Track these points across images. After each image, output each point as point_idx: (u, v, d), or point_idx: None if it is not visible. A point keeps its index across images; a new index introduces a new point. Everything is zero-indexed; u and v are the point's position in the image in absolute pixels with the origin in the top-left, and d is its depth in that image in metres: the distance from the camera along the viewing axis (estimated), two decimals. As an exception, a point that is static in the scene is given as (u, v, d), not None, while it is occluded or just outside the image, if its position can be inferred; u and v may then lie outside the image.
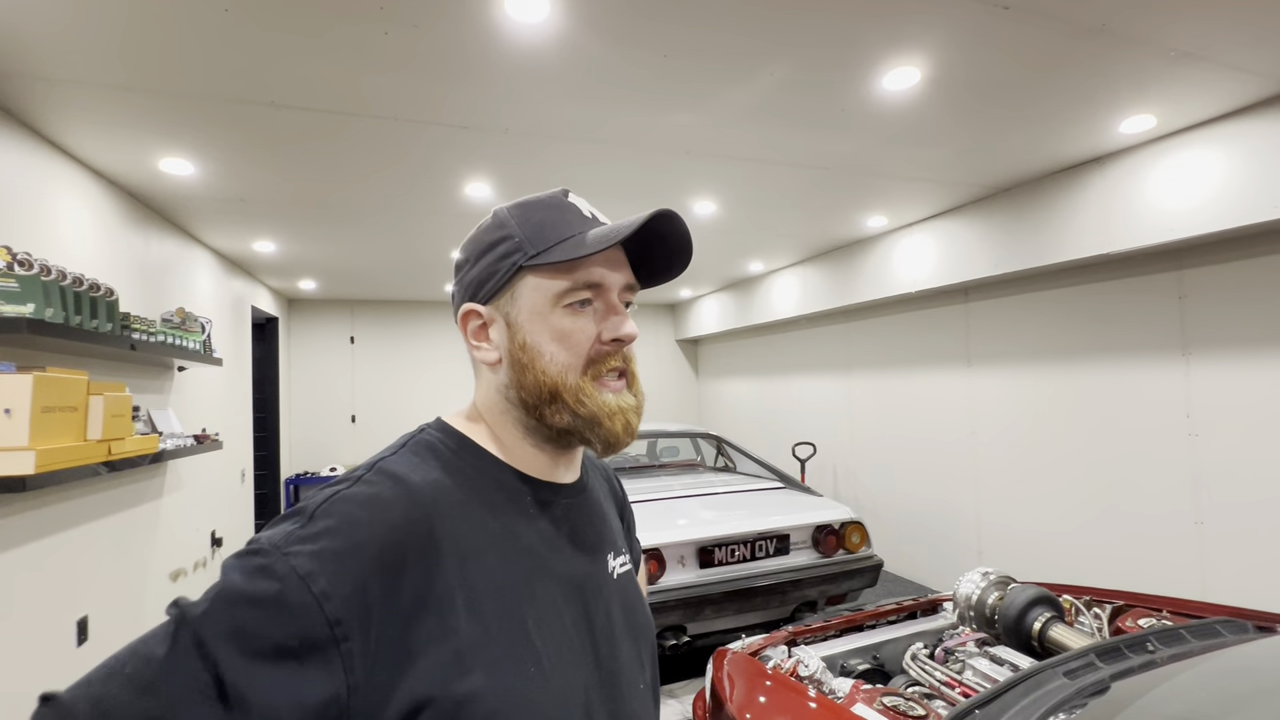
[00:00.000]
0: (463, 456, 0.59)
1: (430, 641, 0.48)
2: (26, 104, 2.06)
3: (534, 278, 0.58)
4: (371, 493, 0.51)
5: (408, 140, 2.47)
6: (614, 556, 0.67)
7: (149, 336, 2.61)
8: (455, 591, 0.50)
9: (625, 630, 0.63)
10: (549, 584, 0.57)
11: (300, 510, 0.50)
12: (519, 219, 0.60)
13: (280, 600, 0.44)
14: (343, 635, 0.45)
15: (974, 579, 1.90)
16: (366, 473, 0.54)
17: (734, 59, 1.93)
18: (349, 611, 0.45)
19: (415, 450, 0.58)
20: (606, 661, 0.59)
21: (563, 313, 0.58)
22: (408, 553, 0.49)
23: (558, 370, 0.58)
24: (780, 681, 1.57)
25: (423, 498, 0.53)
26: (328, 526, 0.48)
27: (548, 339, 0.58)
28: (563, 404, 0.58)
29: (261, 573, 0.45)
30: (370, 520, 0.49)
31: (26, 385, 1.78)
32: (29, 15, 1.60)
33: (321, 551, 0.46)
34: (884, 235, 4.19)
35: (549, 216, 0.60)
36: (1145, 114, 2.37)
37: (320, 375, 6.45)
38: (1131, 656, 1.38)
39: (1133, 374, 3.06)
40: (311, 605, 0.44)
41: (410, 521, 0.51)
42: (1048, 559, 3.45)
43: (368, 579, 0.47)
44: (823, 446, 5.27)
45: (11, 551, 2.02)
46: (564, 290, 0.58)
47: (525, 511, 0.59)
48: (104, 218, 2.74)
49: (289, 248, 4.17)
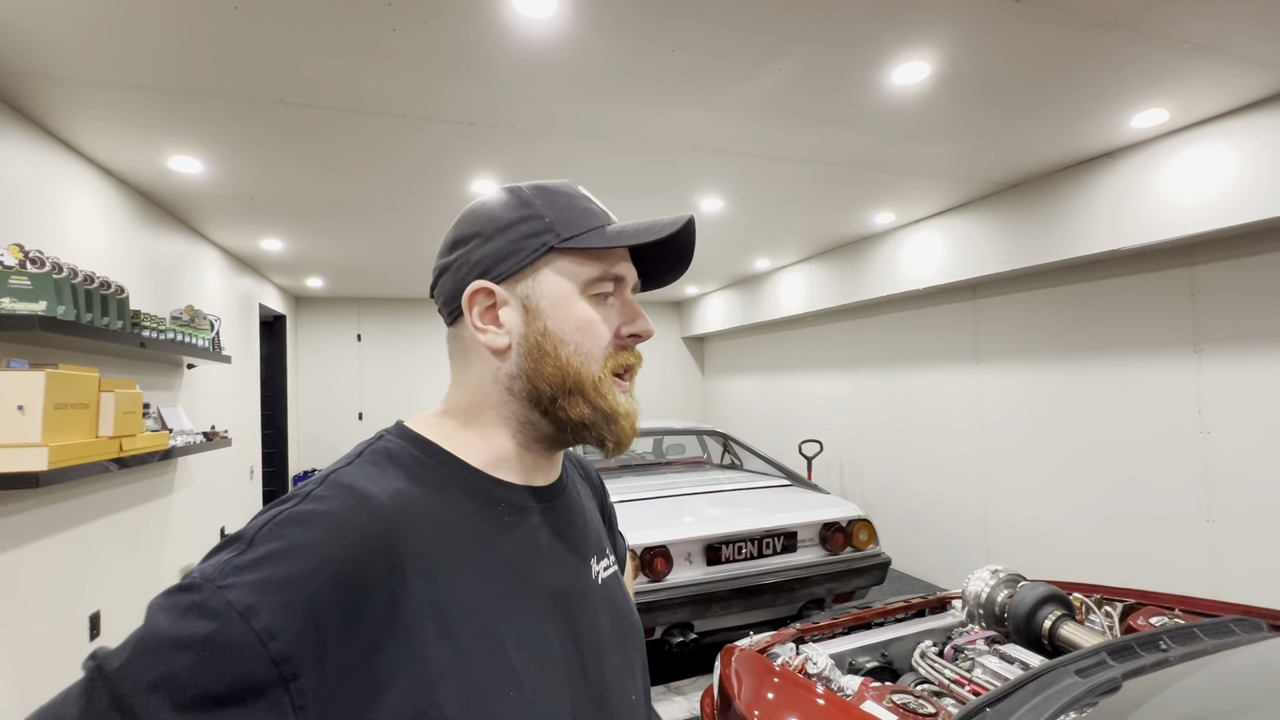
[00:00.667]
0: (428, 464, 0.53)
1: (398, 671, 0.43)
2: (37, 103, 2.07)
3: (564, 261, 0.55)
4: (324, 509, 0.45)
5: (415, 137, 2.47)
6: (598, 560, 0.62)
7: (159, 334, 2.63)
8: (424, 615, 0.46)
9: (614, 638, 0.59)
10: (529, 598, 0.52)
11: (239, 535, 0.44)
12: (545, 200, 0.57)
13: (216, 641, 0.39)
14: (291, 674, 0.40)
15: (983, 577, 1.89)
16: (318, 487, 0.48)
17: (741, 55, 1.92)
18: (299, 647, 0.40)
19: (374, 459, 0.52)
20: (594, 677, 0.55)
21: (588, 302, 0.56)
22: (368, 575, 0.44)
23: (581, 361, 0.55)
24: (788, 679, 1.57)
25: (384, 512, 0.47)
26: (271, 551, 0.42)
27: (572, 327, 0.55)
28: (582, 396, 0.55)
29: (193, 611, 0.40)
30: (323, 541, 0.43)
31: (39, 382, 1.80)
32: (39, 15, 1.61)
33: (264, 581, 0.41)
34: (891, 232, 4.17)
35: (574, 203, 0.57)
36: (1158, 108, 2.34)
37: (327, 373, 6.48)
38: (1144, 655, 1.37)
39: (1144, 371, 3.03)
40: (253, 644, 0.39)
41: (369, 539, 0.45)
42: (1057, 557, 3.43)
43: (322, 609, 0.41)
44: (830, 444, 5.26)
45: (25, 547, 2.04)
46: (594, 278, 0.56)
47: (499, 521, 0.54)
48: (114, 216, 2.76)
49: (296, 245, 4.19)
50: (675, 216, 0.56)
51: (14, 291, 1.83)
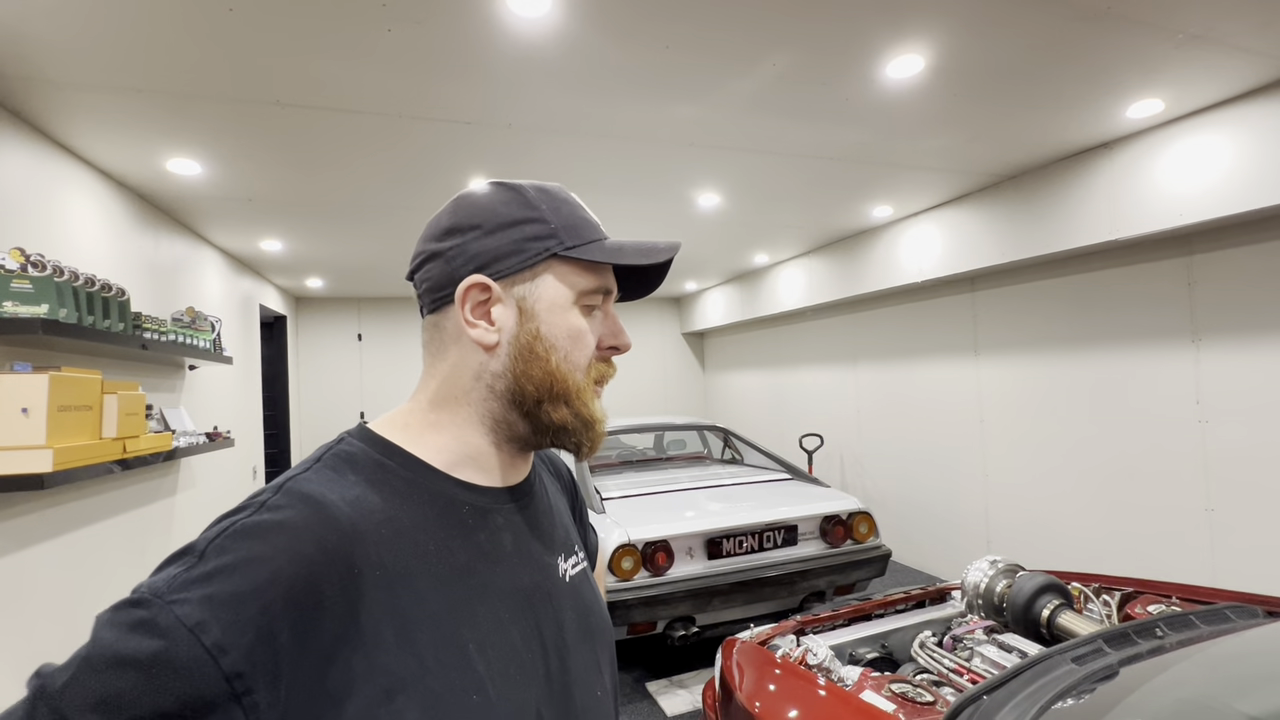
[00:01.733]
0: (389, 467, 0.52)
1: (356, 683, 0.43)
2: (35, 107, 2.08)
3: (564, 269, 0.56)
4: (277, 520, 0.44)
5: (412, 137, 2.48)
6: (565, 558, 0.62)
7: (160, 336, 2.64)
8: (383, 624, 0.45)
9: (580, 636, 0.59)
10: (491, 601, 0.52)
11: (190, 548, 0.43)
12: (549, 205, 0.57)
13: (164, 659, 0.38)
14: (244, 689, 0.39)
15: (982, 567, 1.90)
16: (272, 495, 0.46)
17: (735, 50, 1.93)
18: (251, 663, 0.39)
19: (332, 464, 0.51)
20: (557, 675, 0.55)
21: (578, 312, 0.57)
22: (323, 587, 0.43)
23: (569, 368, 0.56)
24: (789, 670, 1.58)
25: (341, 521, 0.46)
26: (222, 565, 0.41)
27: (564, 335, 0.56)
28: (566, 402, 0.56)
29: (140, 628, 0.39)
30: (275, 554, 0.42)
31: (43, 385, 1.81)
32: (35, 19, 1.62)
33: (214, 597, 0.40)
34: (889, 225, 4.17)
35: (575, 212, 0.59)
36: (1153, 98, 2.34)
37: (329, 373, 6.50)
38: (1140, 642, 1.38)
39: (1142, 361, 3.04)
40: (203, 660, 0.38)
41: (325, 550, 0.44)
42: (1057, 547, 3.44)
43: (274, 623, 0.41)
44: (830, 438, 5.27)
45: (31, 549, 2.06)
46: (589, 290, 0.57)
47: (462, 525, 0.53)
48: (113, 219, 2.77)
49: (296, 246, 4.19)
50: (669, 242, 0.59)
51: (16, 295, 1.84)
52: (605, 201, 3.44)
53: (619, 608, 2.57)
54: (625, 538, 2.67)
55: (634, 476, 3.71)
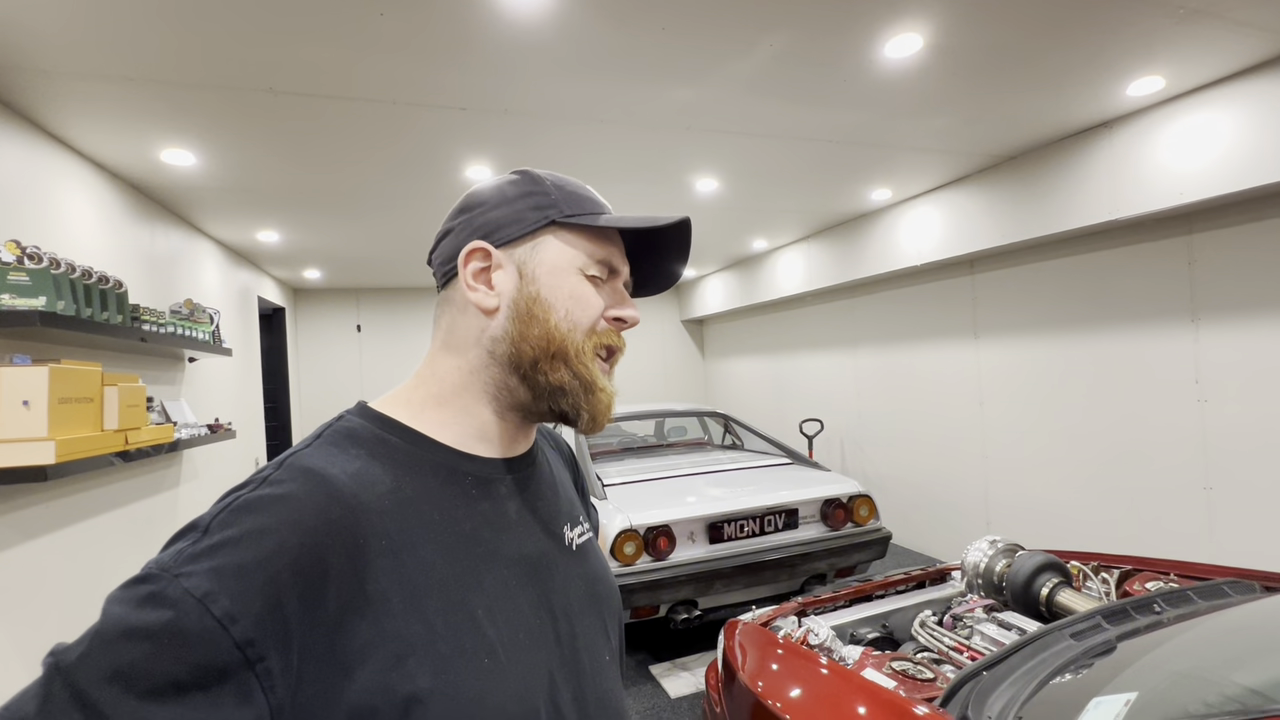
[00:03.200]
0: (389, 441, 0.53)
1: (366, 649, 0.44)
2: (27, 97, 2.06)
3: (564, 234, 0.58)
4: (280, 493, 0.45)
5: (407, 124, 2.46)
6: (571, 527, 0.63)
7: (158, 328, 2.64)
8: (390, 592, 0.46)
9: (587, 602, 0.60)
10: (498, 568, 0.53)
11: (195, 524, 0.44)
12: (555, 184, 0.59)
13: (174, 629, 0.39)
14: (256, 656, 0.40)
15: (981, 547, 1.92)
16: (274, 470, 0.47)
17: (732, 30, 1.90)
18: (262, 631, 0.40)
19: (333, 439, 0.52)
20: (566, 639, 0.56)
21: (581, 278, 0.58)
22: (328, 557, 0.44)
23: (569, 328, 0.56)
24: (791, 650, 1.60)
25: (343, 492, 0.47)
26: (227, 538, 0.42)
27: (565, 295, 0.57)
28: (564, 361, 0.56)
29: (149, 601, 0.39)
30: (279, 526, 0.43)
31: (43, 377, 1.81)
32: (26, 8, 1.60)
33: (221, 568, 0.41)
34: (888, 208, 4.15)
35: (579, 190, 0.61)
36: (1153, 75, 2.32)
37: (328, 364, 6.50)
38: (1138, 618, 1.40)
39: (1141, 341, 3.04)
40: (214, 630, 0.39)
41: (329, 521, 0.45)
42: (1057, 528, 3.47)
43: (282, 592, 0.42)
44: (830, 422, 5.28)
45: (36, 540, 2.07)
46: (590, 260, 0.58)
47: (466, 494, 0.54)
48: (109, 210, 2.75)
49: (292, 237, 4.18)
50: (670, 215, 0.59)
51: (13, 287, 1.84)
52: (603, 187, 3.39)
53: (622, 592, 2.58)
54: (627, 523, 2.69)
55: (635, 463, 3.72)
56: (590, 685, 0.57)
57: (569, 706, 0.54)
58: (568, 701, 0.54)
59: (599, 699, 0.58)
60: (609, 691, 0.60)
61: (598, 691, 0.58)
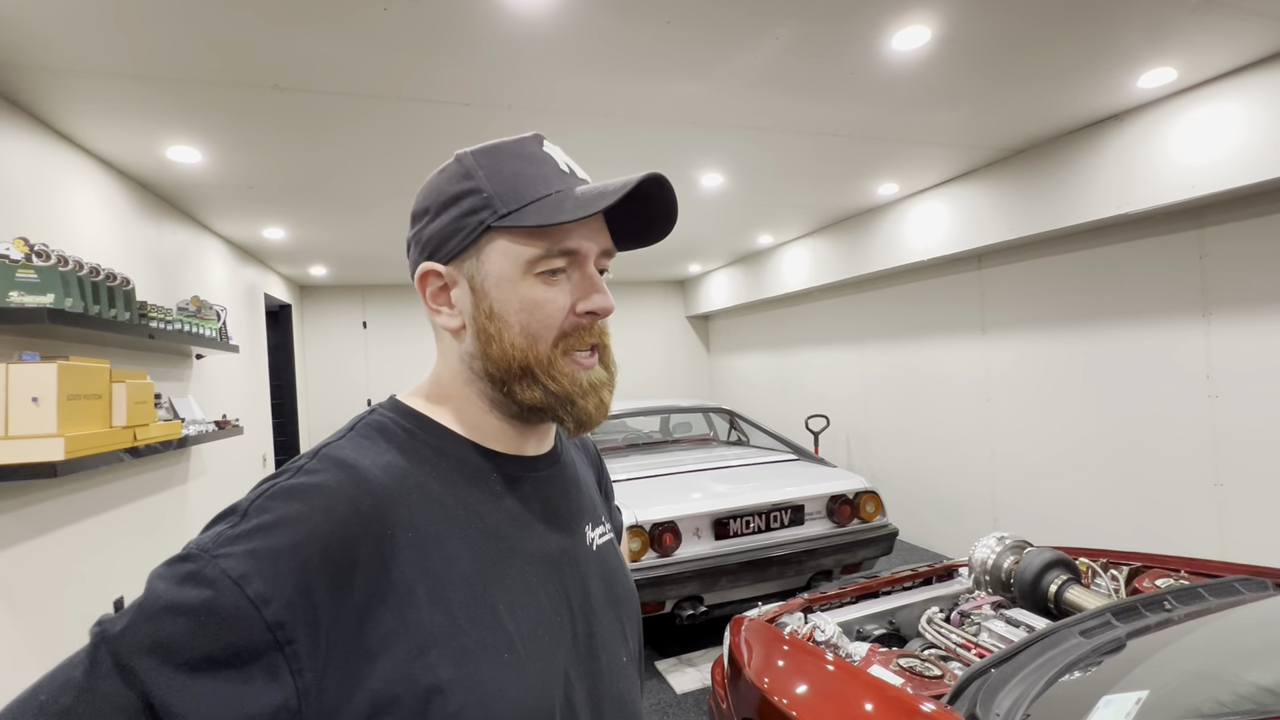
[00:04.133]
0: (419, 436, 0.54)
1: (390, 638, 0.45)
2: (34, 95, 2.07)
3: (504, 240, 0.52)
4: (314, 482, 0.47)
5: (411, 119, 2.45)
6: (593, 527, 0.63)
7: (166, 325, 2.65)
8: (415, 583, 0.47)
9: (606, 602, 0.60)
10: (520, 565, 0.53)
11: (234, 508, 0.45)
12: (488, 169, 0.53)
13: (211, 607, 0.40)
14: (286, 639, 0.41)
15: (989, 544, 1.91)
16: (309, 460, 0.49)
17: (737, 23, 1.89)
18: (292, 614, 0.42)
19: (364, 432, 0.53)
20: (584, 638, 0.56)
21: (534, 281, 0.52)
22: (358, 545, 0.45)
23: (527, 343, 0.53)
24: (797, 646, 1.60)
25: (373, 484, 0.48)
26: (262, 523, 0.44)
27: (516, 309, 0.52)
28: (534, 379, 0.53)
29: (190, 580, 0.41)
30: (312, 513, 0.45)
31: (52, 374, 1.82)
32: (32, 6, 1.60)
33: (256, 551, 0.42)
34: (895, 203, 4.13)
35: (522, 169, 0.53)
36: (1165, 67, 2.29)
37: (334, 360, 6.53)
38: (1148, 615, 1.39)
39: (1152, 336, 3.01)
40: (247, 610, 0.40)
41: (359, 511, 0.46)
42: (1065, 524, 3.45)
43: (312, 578, 0.43)
44: (836, 418, 5.26)
45: (48, 535, 2.09)
46: (537, 257, 0.52)
47: (491, 490, 0.54)
48: (116, 208, 2.77)
49: (298, 234, 4.19)
50: (628, 178, 0.51)
51: (21, 285, 1.85)
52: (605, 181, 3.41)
53: (627, 588, 2.59)
54: (632, 519, 2.69)
55: (640, 459, 3.72)
56: (606, 685, 0.57)
57: (583, 705, 0.54)
58: (582, 700, 0.54)
59: (614, 699, 0.58)
60: (624, 692, 0.60)
61: (613, 691, 0.58)
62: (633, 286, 7.49)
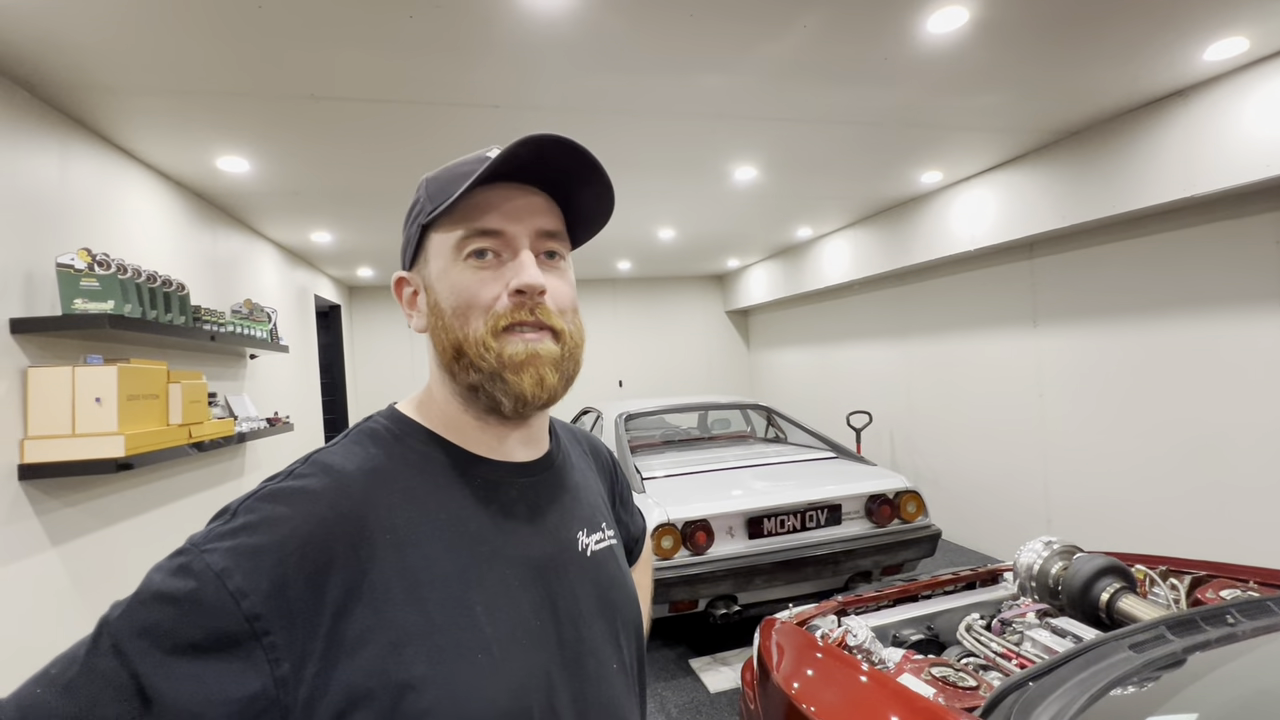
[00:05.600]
0: (406, 442, 0.57)
1: (366, 634, 0.47)
2: (97, 114, 2.20)
3: (436, 234, 0.57)
4: (299, 486, 0.50)
5: (443, 123, 2.50)
6: (588, 533, 0.63)
7: (219, 327, 2.79)
8: (392, 582, 0.49)
9: (598, 609, 0.60)
10: (500, 568, 0.54)
11: (226, 508, 0.49)
12: (429, 181, 0.59)
13: (195, 597, 0.44)
14: (263, 630, 0.44)
15: (1035, 548, 1.81)
16: (300, 465, 0.52)
17: (761, 13, 1.84)
18: (269, 607, 0.44)
19: (357, 439, 0.56)
20: (571, 644, 0.56)
21: (464, 266, 0.55)
22: (335, 545, 0.48)
23: (459, 324, 0.55)
24: (827, 651, 1.56)
25: (354, 488, 0.51)
26: (247, 522, 0.47)
27: (448, 293, 0.56)
28: (467, 360, 0.55)
29: (180, 572, 0.45)
30: (293, 514, 0.48)
31: (112, 376, 1.94)
32: (94, 33, 1.70)
33: (237, 548, 0.45)
34: (939, 191, 3.97)
35: (454, 171, 0.57)
36: (1235, 36, 2.12)
37: (382, 358, 6.75)
38: (1208, 630, 1.29)
39: (1221, 327, 2.80)
40: (227, 602, 0.44)
41: (339, 514, 0.49)
42: (1126, 529, 3.25)
43: (288, 574, 0.45)
44: (879, 415, 5.12)
45: (114, 526, 2.24)
46: (459, 240, 0.55)
47: (474, 495, 0.56)
48: (173, 217, 2.92)
49: (344, 237, 4.33)
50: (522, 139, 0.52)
51: (85, 293, 1.97)
52: (639, 180, 3.40)
53: (660, 586, 2.59)
54: (664, 517, 2.68)
55: (676, 456, 3.70)
56: (593, 690, 0.57)
57: (567, 709, 0.54)
58: (566, 704, 0.54)
59: (601, 705, 0.57)
60: (613, 699, 0.59)
61: (601, 698, 0.58)
62: (671, 282, 7.46)
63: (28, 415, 1.87)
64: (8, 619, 1.79)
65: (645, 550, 0.90)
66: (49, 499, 1.94)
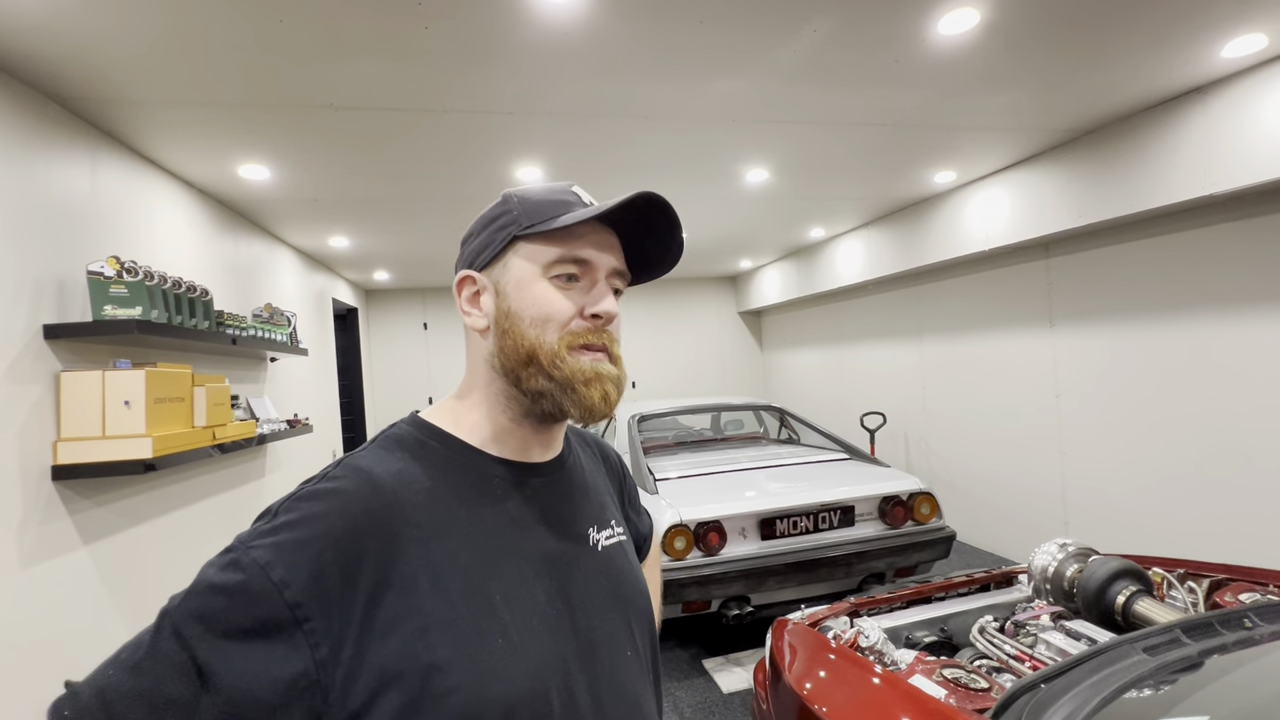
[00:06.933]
0: (430, 446, 0.61)
1: (396, 620, 0.51)
2: (125, 125, 2.27)
3: (526, 246, 0.61)
4: (333, 487, 0.55)
5: (458, 130, 2.54)
6: (599, 530, 0.68)
7: (241, 331, 2.85)
8: (418, 573, 0.53)
9: (610, 600, 0.65)
10: (518, 561, 0.59)
11: (269, 509, 0.54)
12: (520, 198, 0.64)
13: (243, 588, 0.49)
14: (304, 616, 0.49)
15: (1050, 550, 1.80)
16: (334, 468, 0.57)
17: (772, 18, 1.86)
18: (307, 596, 0.49)
19: (384, 444, 0.61)
20: (584, 632, 0.61)
21: (549, 284, 0.61)
22: (366, 540, 0.53)
23: (537, 334, 0.60)
24: (839, 653, 1.56)
25: (384, 488, 0.56)
26: (287, 521, 0.52)
27: (529, 304, 0.60)
28: (538, 367, 0.60)
29: (230, 566, 0.50)
30: (329, 512, 0.53)
31: (140, 380, 2.00)
32: (114, 44, 1.76)
33: (279, 543, 0.50)
34: (953, 191, 3.94)
35: (549, 197, 0.63)
36: (1254, 33, 2.09)
37: (398, 360, 6.84)
38: (1224, 633, 1.28)
39: (1240, 327, 2.76)
40: (271, 591, 0.49)
41: (370, 512, 0.54)
42: (1145, 531, 3.21)
43: (325, 567, 0.50)
44: (893, 416, 5.09)
45: (141, 525, 2.30)
46: (552, 260, 0.61)
47: (493, 494, 0.61)
48: (196, 224, 2.99)
49: (361, 241, 4.41)
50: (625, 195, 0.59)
51: (114, 299, 2.03)
52: (651, 183, 3.41)
53: (673, 586, 2.60)
54: (677, 518, 2.70)
55: (689, 457, 3.72)
56: (607, 675, 0.61)
57: (583, 692, 0.58)
58: (582, 687, 0.58)
59: (615, 689, 0.62)
60: (627, 684, 0.63)
61: (614, 682, 0.62)
62: (684, 283, 7.47)
63: (60, 418, 1.93)
64: (45, 614, 1.85)
65: (654, 549, 0.94)
66: (80, 499, 2.01)
